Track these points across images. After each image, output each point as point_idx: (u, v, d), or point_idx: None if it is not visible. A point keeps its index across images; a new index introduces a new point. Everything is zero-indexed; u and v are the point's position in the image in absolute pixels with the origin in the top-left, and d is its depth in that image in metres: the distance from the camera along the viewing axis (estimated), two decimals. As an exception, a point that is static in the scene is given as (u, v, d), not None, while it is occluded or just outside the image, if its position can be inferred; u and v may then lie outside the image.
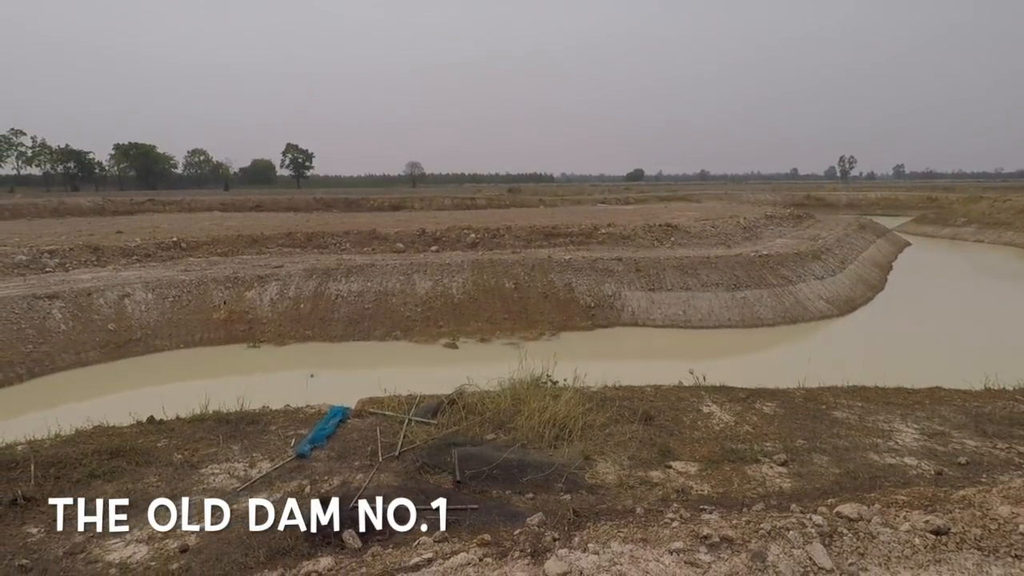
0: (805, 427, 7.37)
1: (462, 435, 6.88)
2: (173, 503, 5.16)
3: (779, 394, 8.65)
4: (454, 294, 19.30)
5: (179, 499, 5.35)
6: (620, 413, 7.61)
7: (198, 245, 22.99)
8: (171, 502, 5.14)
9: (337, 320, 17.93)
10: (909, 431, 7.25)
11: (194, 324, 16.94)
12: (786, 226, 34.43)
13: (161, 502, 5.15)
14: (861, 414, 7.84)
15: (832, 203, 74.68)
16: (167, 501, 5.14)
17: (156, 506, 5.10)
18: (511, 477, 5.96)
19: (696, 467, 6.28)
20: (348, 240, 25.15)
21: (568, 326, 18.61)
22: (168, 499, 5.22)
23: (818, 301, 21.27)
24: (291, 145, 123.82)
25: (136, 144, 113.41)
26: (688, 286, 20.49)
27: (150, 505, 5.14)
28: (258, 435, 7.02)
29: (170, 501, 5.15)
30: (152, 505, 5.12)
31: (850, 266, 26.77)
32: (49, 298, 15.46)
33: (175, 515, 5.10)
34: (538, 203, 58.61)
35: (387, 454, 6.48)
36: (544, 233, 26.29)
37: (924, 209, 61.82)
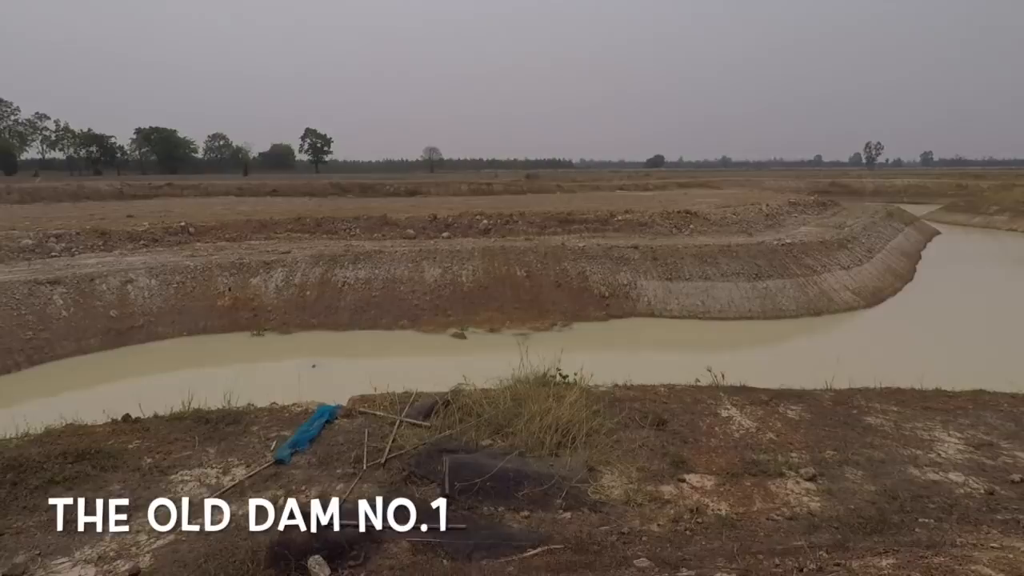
0: (835, 435, 6.68)
1: (455, 440, 6.32)
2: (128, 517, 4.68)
3: (805, 396, 7.94)
4: (464, 282, 18.73)
5: (135, 513, 4.86)
6: (630, 416, 6.98)
7: (206, 230, 22.68)
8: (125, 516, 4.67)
9: (343, 308, 17.48)
10: (952, 441, 6.53)
11: (198, 311, 16.61)
12: (810, 213, 33.23)
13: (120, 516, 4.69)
14: (897, 420, 7.12)
15: (858, 190, 72.57)
16: (124, 515, 4.67)
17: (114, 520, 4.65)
18: (506, 490, 5.39)
19: (713, 481, 5.64)
20: (358, 226, 24.67)
21: (581, 316, 17.96)
22: (125, 513, 4.75)
23: (844, 292, 20.32)
24: (310, 130, 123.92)
25: (157, 128, 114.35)
26: (707, 275, 19.66)
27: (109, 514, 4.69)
28: (238, 436, 6.52)
29: (125, 516, 4.67)
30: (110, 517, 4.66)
31: (877, 255, 25.65)
32: (51, 284, 15.20)
33: (131, 529, 4.64)
34: (555, 189, 57.62)
35: (372, 461, 5.94)
36: (559, 219, 25.54)
37: (954, 197, 59.73)
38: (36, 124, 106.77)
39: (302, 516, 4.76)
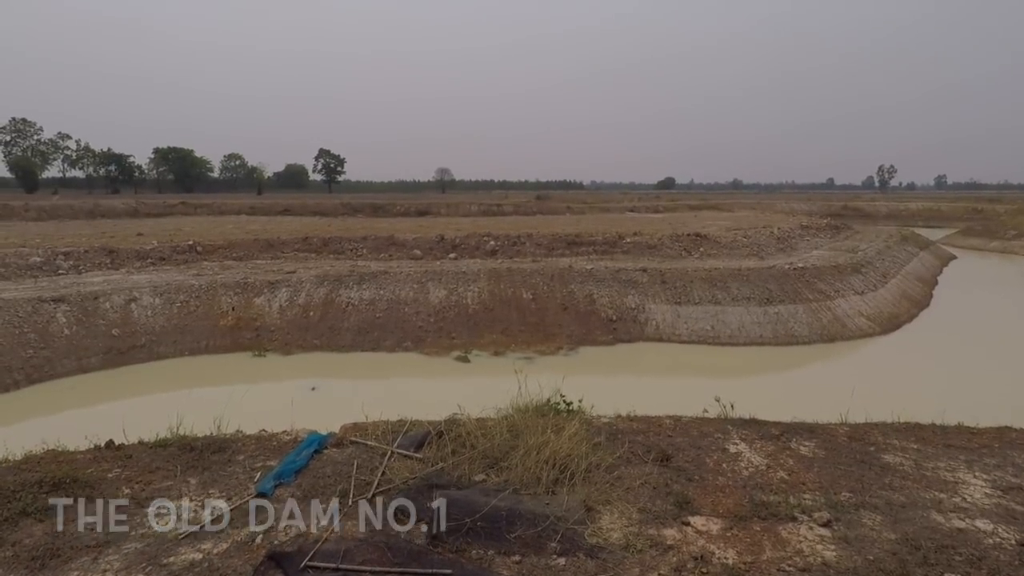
0: (851, 474, 6.28)
1: (447, 474, 6.01)
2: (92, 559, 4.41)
3: (818, 431, 7.53)
4: (469, 304, 18.49)
5: (105, 550, 4.59)
6: (632, 451, 6.64)
7: (214, 249, 22.70)
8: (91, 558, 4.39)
9: (346, 329, 17.28)
10: (978, 484, 6.10)
11: (200, 331, 16.47)
12: (822, 237, 32.80)
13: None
14: (917, 459, 6.70)
15: (871, 214, 71.95)
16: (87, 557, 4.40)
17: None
18: (497, 531, 5.05)
19: (719, 525, 5.27)
20: (365, 246, 24.61)
21: (588, 340, 17.62)
22: (93, 551, 4.48)
23: (858, 318, 19.82)
24: (323, 150, 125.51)
25: (174, 148, 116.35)
26: (717, 299, 19.28)
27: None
28: (222, 466, 6.26)
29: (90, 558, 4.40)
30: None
31: (892, 280, 25.12)
32: (55, 301, 15.16)
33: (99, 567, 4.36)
34: (565, 210, 57.60)
35: (360, 495, 5.64)
36: (567, 241, 25.34)
37: (969, 221, 58.92)
38: (58, 143, 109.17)
39: (277, 558, 4.50)
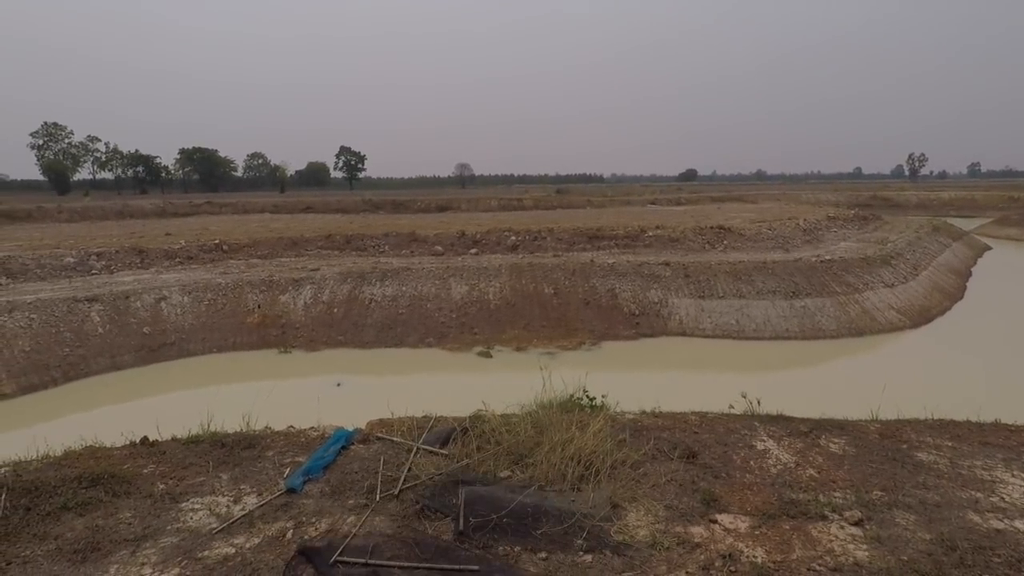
0: (883, 472, 6.16)
1: (473, 470, 6.05)
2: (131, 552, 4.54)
3: (848, 427, 7.40)
4: (491, 299, 18.54)
5: (142, 544, 4.73)
6: (658, 447, 6.60)
7: (239, 247, 23.09)
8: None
9: (370, 325, 17.46)
10: (1016, 483, 5.94)
11: (228, 328, 16.80)
12: (850, 228, 32.11)
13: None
14: (952, 457, 6.54)
15: (900, 204, 70.16)
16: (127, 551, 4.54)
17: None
18: (523, 528, 5.08)
19: (747, 523, 5.21)
20: (387, 242, 24.80)
21: (610, 335, 17.54)
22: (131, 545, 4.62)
23: (888, 311, 19.39)
24: (344, 148, 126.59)
25: (200, 149, 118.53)
26: (741, 293, 19.03)
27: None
28: (252, 462, 6.38)
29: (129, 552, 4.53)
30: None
31: (923, 272, 24.50)
32: (89, 301, 15.58)
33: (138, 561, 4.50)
34: (585, 204, 57.33)
35: (386, 491, 5.71)
36: (588, 235, 25.22)
37: (1005, 210, 57.10)
38: (88, 146, 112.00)
39: (308, 553, 4.59)
